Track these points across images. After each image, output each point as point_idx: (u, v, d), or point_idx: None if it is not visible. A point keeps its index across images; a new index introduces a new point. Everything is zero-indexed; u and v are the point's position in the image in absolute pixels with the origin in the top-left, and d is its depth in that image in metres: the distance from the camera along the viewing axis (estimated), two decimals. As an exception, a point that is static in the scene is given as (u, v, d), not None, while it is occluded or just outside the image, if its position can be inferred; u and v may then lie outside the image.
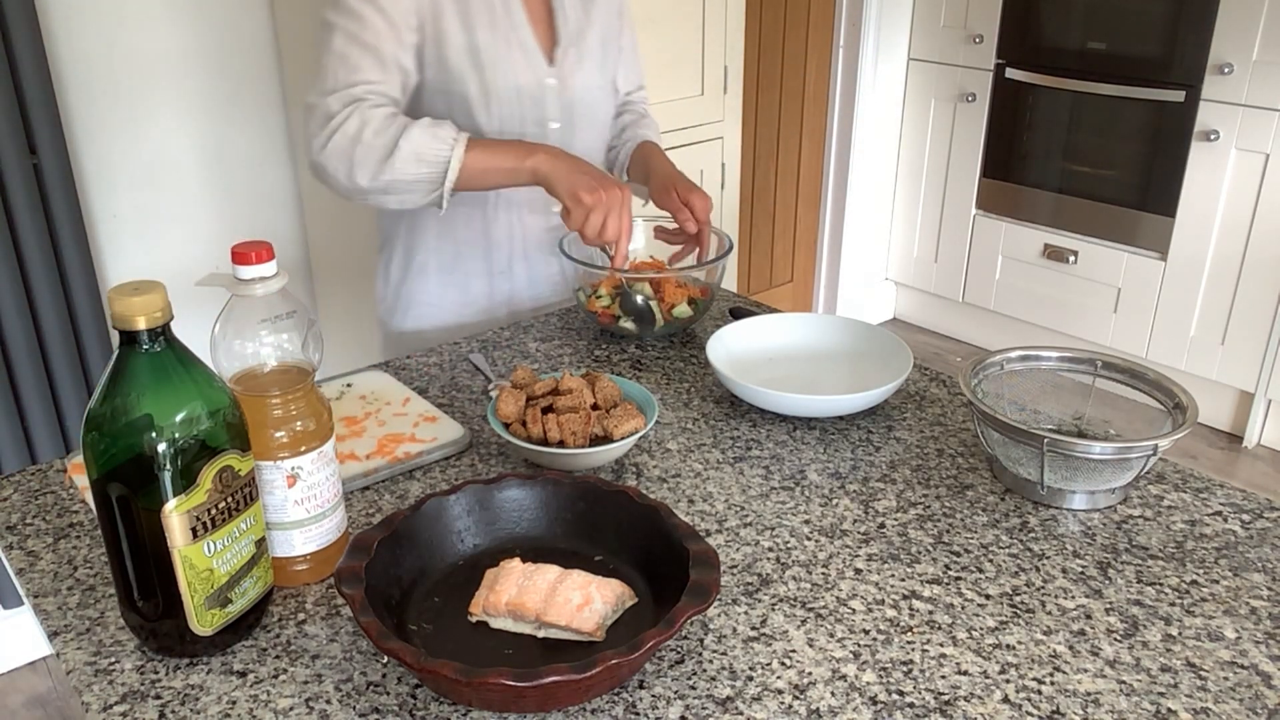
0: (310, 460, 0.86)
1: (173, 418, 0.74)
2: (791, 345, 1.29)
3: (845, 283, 3.65)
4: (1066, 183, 3.14)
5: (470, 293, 1.51)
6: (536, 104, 1.39)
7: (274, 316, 0.84)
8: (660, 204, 1.45)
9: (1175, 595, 0.89)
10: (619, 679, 0.78)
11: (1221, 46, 2.71)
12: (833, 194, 3.55)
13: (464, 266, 1.49)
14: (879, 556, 0.94)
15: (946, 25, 3.31)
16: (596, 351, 1.36)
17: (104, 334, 2.00)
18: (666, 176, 1.46)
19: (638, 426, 1.06)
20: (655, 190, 1.46)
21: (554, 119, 1.42)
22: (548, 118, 1.41)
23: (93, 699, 0.78)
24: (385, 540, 0.84)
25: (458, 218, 1.45)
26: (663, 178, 1.46)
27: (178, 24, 2.10)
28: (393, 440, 1.11)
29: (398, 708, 0.77)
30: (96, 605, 0.88)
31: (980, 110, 3.27)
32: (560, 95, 1.41)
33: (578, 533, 0.92)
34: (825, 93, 3.44)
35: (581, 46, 1.42)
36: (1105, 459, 0.97)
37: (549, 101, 1.40)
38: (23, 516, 1.00)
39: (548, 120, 1.41)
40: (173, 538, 0.76)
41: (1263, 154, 2.70)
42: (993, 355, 1.13)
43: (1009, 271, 3.34)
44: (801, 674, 0.80)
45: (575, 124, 1.45)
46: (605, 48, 1.47)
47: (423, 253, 1.49)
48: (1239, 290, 2.82)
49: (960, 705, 0.77)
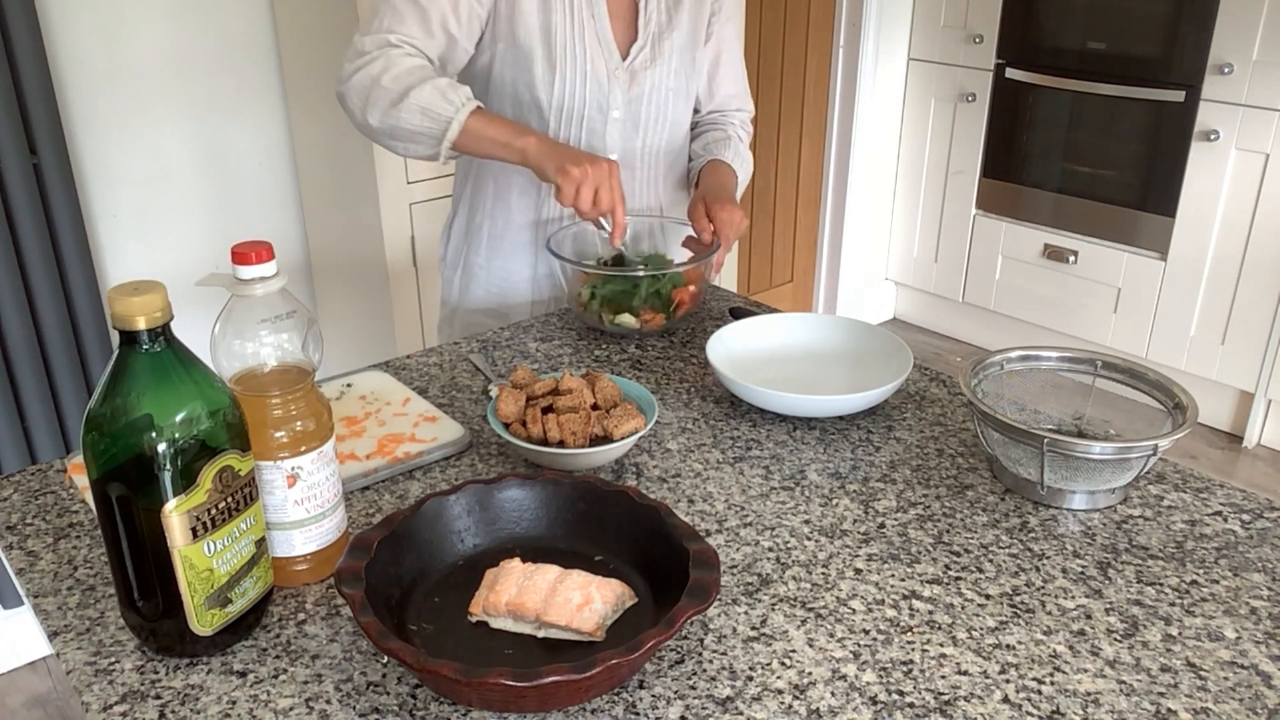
0: (310, 460, 0.86)
1: (173, 418, 0.74)
2: (791, 345, 1.29)
3: (845, 283, 3.65)
4: (1066, 183, 3.14)
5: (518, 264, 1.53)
6: (601, 90, 1.42)
7: (274, 316, 0.84)
8: (689, 214, 1.46)
9: (1175, 595, 0.89)
10: (619, 679, 0.77)
11: (1221, 46, 2.70)
12: (833, 194, 3.55)
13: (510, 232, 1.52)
14: (879, 556, 0.94)
15: (946, 25, 3.31)
16: (596, 351, 1.36)
17: (104, 334, 2.00)
18: (708, 190, 1.47)
19: (638, 426, 1.06)
20: (693, 202, 1.47)
21: (617, 108, 1.44)
22: (611, 105, 1.43)
23: (93, 699, 0.78)
24: (385, 540, 0.84)
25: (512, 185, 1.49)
26: (705, 190, 1.47)
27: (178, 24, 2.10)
28: (393, 440, 1.11)
29: (398, 708, 0.77)
30: (96, 605, 0.87)
31: (980, 110, 3.27)
32: (629, 89, 1.43)
33: (578, 533, 0.92)
34: (825, 93, 3.44)
35: (660, 47, 1.44)
36: (1105, 459, 0.97)
37: (615, 91, 1.43)
38: (23, 516, 1.00)
39: (610, 108, 1.43)
40: (173, 538, 0.76)
41: (1263, 154, 2.70)
42: (993, 355, 1.13)
43: (1009, 271, 3.34)
44: (801, 674, 0.80)
45: (640, 119, 1.46)
46: (685, 54, 1.48)
47: (475, 208, 1.53)
48: (1239, 290, 2.82)
49: (960, 705, 0.77)
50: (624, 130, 1.46)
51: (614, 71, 1.41)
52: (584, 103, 1.41)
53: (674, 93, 1.49)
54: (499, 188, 1.50)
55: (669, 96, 1.48)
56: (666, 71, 1.46)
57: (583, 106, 1.42)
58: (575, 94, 1.41)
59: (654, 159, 1.52)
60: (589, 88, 1.41)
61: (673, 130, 1.53)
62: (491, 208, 1.52)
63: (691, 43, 1.49)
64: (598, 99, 1.42)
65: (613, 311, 1.36)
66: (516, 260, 1.54)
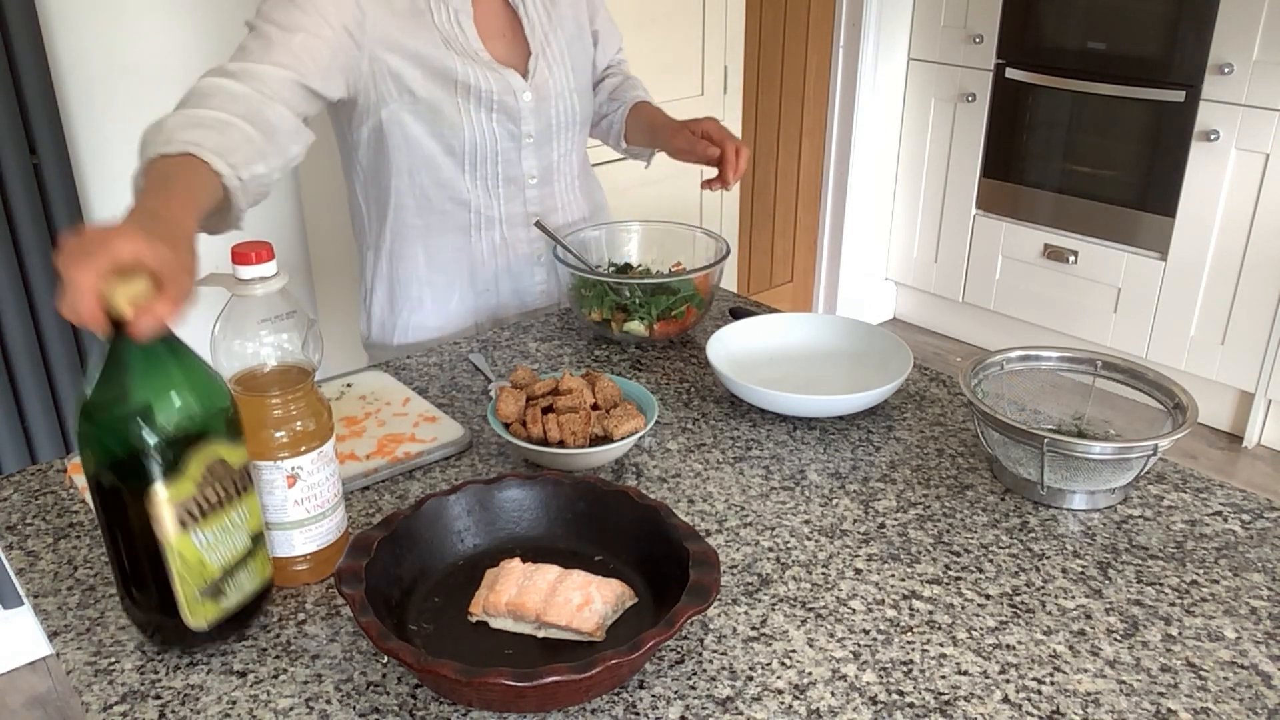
0: (310, 460, 0.86)
1: (162, 407, 0.74)
2: (791, 345, 1.29)
3: (845, 283, 3.65)
4: (1066, 183, 3.14)
5: (452, 310, 1.47)
6: (514, 119, 1.37)
7: (274, 316, 0.84)
8: (676, 151, 1.43)
9: (1175, 595, 0.89)
10: (619, 679, 0.77)
11: (1221, 46, 2.70)
12: (833, 194, 3.55)
13: (448, 287, 1.45)
14: (879, 556, 0.94)
15: (946, 25, 3.31)
16: (596, 351, 1.36)
17: (104, 334, 2.00)
18: (672, 124, 1.44)
19: (638, 426, 1.06)
20: (667, 140, 1.44)
21: (530, 133, 1.39)
22: (524, 133, 1.39)
23: (93, 699, 0.78)
24: (385, 540, 0.84)
25: (443, 244, 1.42)
26: (671, 127, 1.44)
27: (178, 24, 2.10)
28: (393, 440, 1.11)
29: (398, 708, 0.77)
30: (96, 605, 0.87)
31: (980, 110, 3.27)
32: (536, 108, 1.38)
33: (578, 533, 0.92)
34: (825, 93, 3.43)
35: (551, 51, 1.40)
36: (1105, 459, 0.97)
37: (526, 116, 1.38)
38: (23, 516, 1.00)
39: (524, 136, 1.39)
40: (162, 528, 0.75)
41: (1263, 154, 2.69)
42: (993, 355, 1.13)
43: (1009, 271, 3.34)
44: (801, 674, 0.80)
45: (551, 132, 1.42)
46: (575, 45, 1.44)
47: (405, 280, 1.44)
48: (1239, 290, 2.82)
49: (960, 705, 0.77)
50: (539, 149, 1.42)
51: (521, 95, 1.36)
52: (495, 137, 1.36)
53: (576, 92, 1.43)
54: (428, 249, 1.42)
55: (573, 99, 1.43)
56: (565, 73, 1.41)
57: (494, 141, 1.36)
58: (485, 130, 1.35)
59: (569, 164, 1.48)
60: (496, 121, 1.35)
61: (580, 130, 1.48)
62: (424, 271, 1.44)
63: (578, 31, 1.45)
64: (509, 130, 1.37)
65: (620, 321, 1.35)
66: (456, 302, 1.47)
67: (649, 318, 1.33)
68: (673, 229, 1.50)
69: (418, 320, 1.46)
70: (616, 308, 1.34)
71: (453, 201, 1.39)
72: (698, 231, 1.48)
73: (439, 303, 1.46)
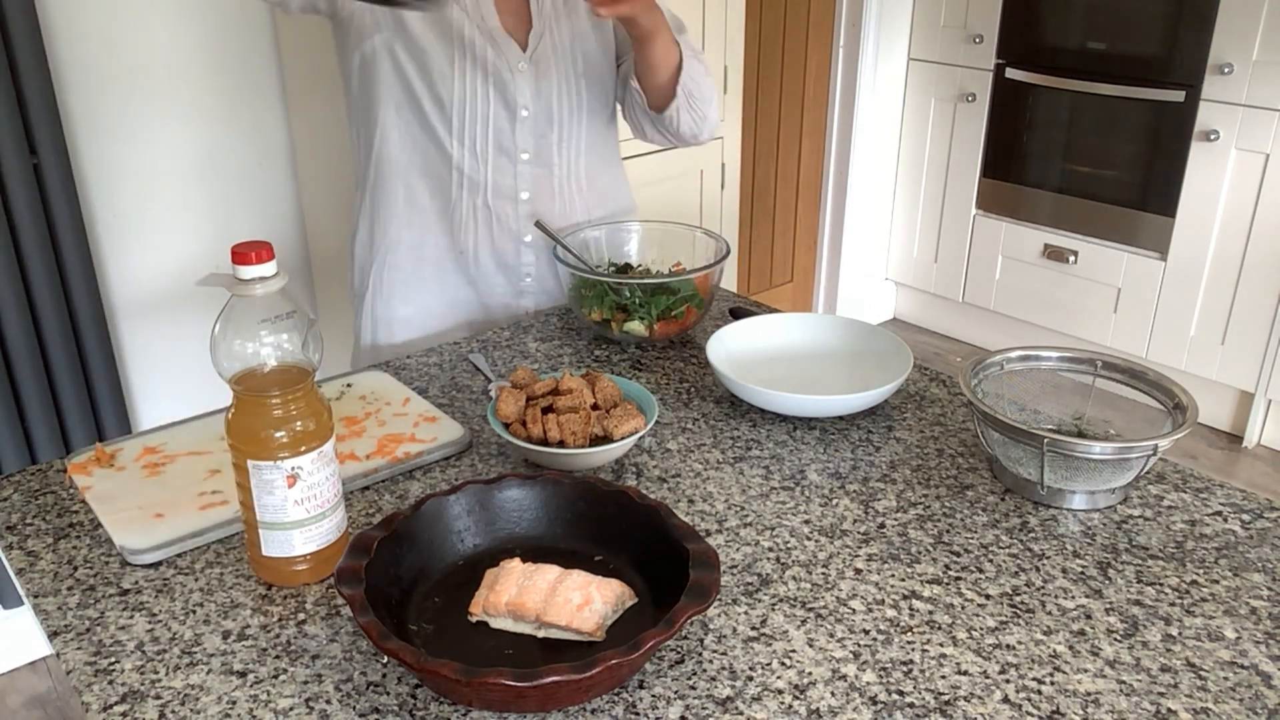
0: (310, 460, 0.86)
1: None
2: (791, 345, 1.29)
3: (845, 283, 3.65)
4: (1066, 183, 3.14)
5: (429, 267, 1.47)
6: (506, 88, 1.37)
7: (274, 316, 0.84)
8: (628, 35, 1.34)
9: (1175, 595, 0.89)
10: (619, 679, 0.77)
11: (1221, 46, 2.70)
12: (833, 194, 3.55)
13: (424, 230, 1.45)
14: (879, 556, 0.94)
15: (946, 25, 3.31)
16: (596, 351, 1.36)
17: (104, 334, 2.00)
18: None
19: (638, 426, 1.06)
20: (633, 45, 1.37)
21: (525, 106, 1.39)
22: (519, 104, 1.38)
23: (93, 699, 0.78)
24: (385, 540, 0.84)
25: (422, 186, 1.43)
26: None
27: (178, 24, 2.10)
28: (393, 440, 1.11)
29: (398, 708, 0.77)
30: (96, 605, 0.87)
31: (980, 110, 3.27)
32: (536, 83, 1.38)
33: (578, 533, 0.92)
34: (825, 93, 3.43)
35: (560, 33, 1.38)
36: (1105, 459, 0.97)
37: (521, 88, 1.37)
38: (23, 516, 1.00)
39: (519, 107, 1.38)
40: None
41: (1263, 154, 2.70)
42: (993, 355, 1.13)
43: (1009, 271, 3.34)
44: (801, 674, 0.80)
45: (552, 113, 1.40)
46: (589, 33, 1.41)
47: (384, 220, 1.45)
48: (1239, 290, 2.82)
49: (960, 705, 0.77)
50: (535, 127, 1.40)
51: (516, 66, 1.36)
52: (487, 100, 1.36)
53: (586, 80, 1.41)
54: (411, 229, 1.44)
55: (582, 85, 1.41)
56: (571, 56, 1.39)
57: (486, 105, 1.36)
58: (478, 92, 1.35)
59: (574, 152, 1.46)
60: (491, 85, 1.35)
61: (591, 120, 1.46)
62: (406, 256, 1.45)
63: (597, 22, 1.41)
64: (503, 96, 1.37)
65: (620, 321, 1.35)
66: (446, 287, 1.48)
67: (649, 318, 1.33)
68: (673, 229, 1.50)
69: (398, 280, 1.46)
70: (616, 308, 1.34)
71: (436, 150, 1.40)
72: (698, 231, 1.48)
73: (414, 250, 1.45)
